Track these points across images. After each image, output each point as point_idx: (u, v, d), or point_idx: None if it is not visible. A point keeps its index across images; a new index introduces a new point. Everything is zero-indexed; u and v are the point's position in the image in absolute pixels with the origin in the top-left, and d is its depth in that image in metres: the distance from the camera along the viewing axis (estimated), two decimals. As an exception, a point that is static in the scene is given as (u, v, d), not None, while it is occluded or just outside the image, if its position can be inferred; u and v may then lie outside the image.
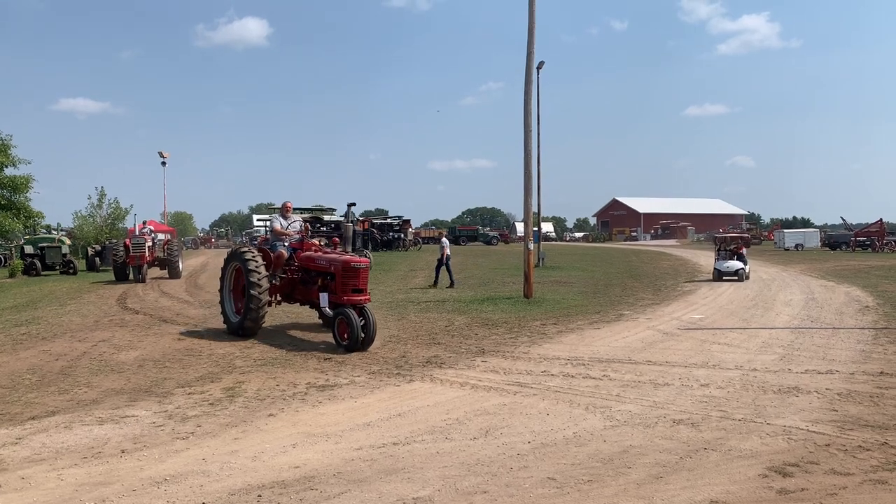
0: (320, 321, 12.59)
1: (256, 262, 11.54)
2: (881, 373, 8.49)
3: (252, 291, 11.27)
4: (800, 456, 5.36)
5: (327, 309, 11.02)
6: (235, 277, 12.27)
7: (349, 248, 11.64)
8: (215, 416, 6.87)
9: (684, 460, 5.33)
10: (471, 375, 8.60)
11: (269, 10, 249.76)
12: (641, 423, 6.34)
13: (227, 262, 12.36)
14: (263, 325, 12.54)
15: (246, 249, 11.89)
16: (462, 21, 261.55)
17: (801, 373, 8.55)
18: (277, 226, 12.35)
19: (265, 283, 11.40)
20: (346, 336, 10.36)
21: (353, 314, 10.29)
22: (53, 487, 4.96)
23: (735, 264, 23.97)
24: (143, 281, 24.85)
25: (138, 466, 5.37)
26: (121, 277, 26.20)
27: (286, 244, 12.25)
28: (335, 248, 12.52)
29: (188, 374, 8.99)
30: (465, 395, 7.61)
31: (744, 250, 25.48)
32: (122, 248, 26.56)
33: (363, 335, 10.31)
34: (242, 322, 11.59)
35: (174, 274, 26.96)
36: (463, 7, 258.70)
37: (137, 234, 27.57)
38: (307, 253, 12.08)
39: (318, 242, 12.63)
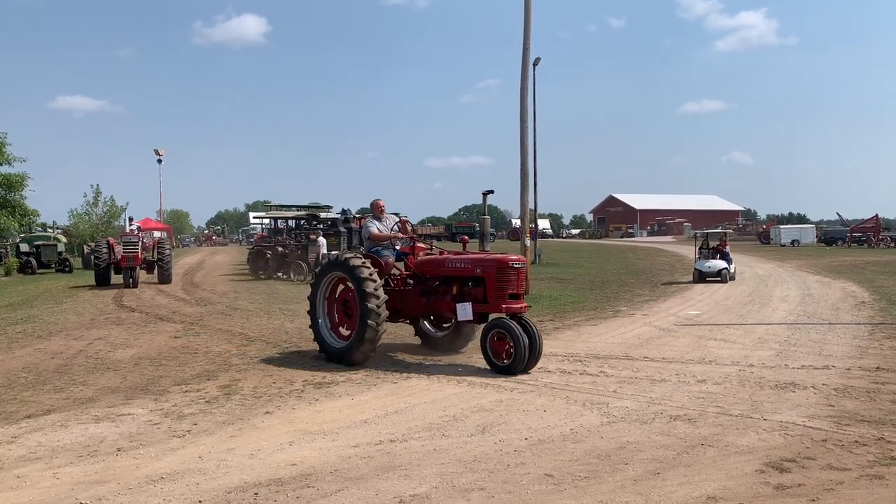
0: (418, 340, 10.49)
1: (369, 269, 9.13)
2: (877, 368, 8.50)
3: (369, 305, 8.82)
4: (796, 451, 5.37)
5: (469, 322, 9.09)
6: (333, 291, 9.95)
7: (488, 246, 9.62)
8: (212, 413, 6.85)
9: (681, 456, 5.33)
10: (468, 372, 8.59)
11: (268, 7, 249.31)
12: (638, 420, 6.34)
13: (322, 273, 9.98)
14: (259, 324, 12.40)
15: (352, 256, 9.45)
16: (460, 18, 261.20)
17: (798, 368, 8.56)
18: (375, 229, 9.90)
19: (383, 296, 9.05)
20: (505, 355, 8.40)
21: (515, 327, 8.37)
22: (49, 486, 4.94)
23: (718, 264, 21.76)
24: (136, 285, 22.10)
25: (134, 465, 5.35)
26: (103, 282, 23.01)
27: (393, 249, 9.95)
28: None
29: (184, 372, 8.97)
30: (462, 391, 7.61)
31: (727, 247, 23.21)
32: (104, 248, 23.35)
33: (528, 353, 8.36)
34: (353, 347, 9.03)
35: (164, 278, 23.72)
36: (461, 4, 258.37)
37: (127, 230, 24.94)
38: (429, 257, 9.98)
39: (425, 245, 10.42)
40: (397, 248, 9.98)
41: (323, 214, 33.89)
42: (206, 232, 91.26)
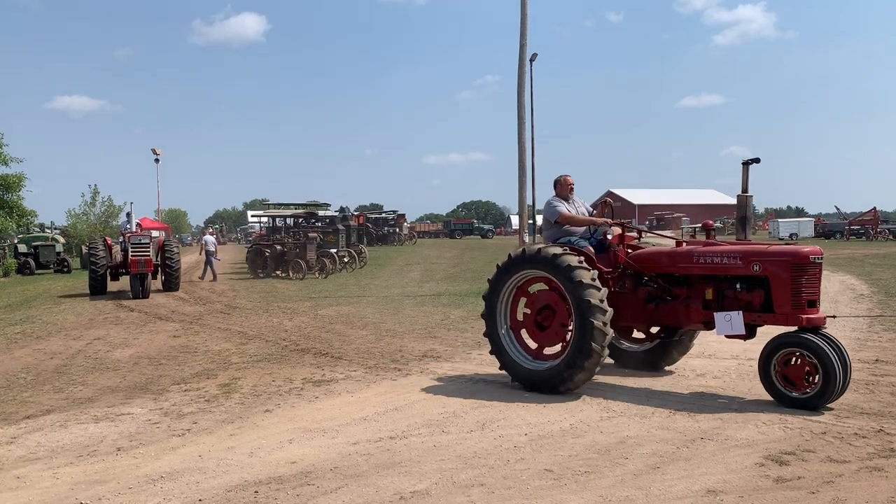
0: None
1: (590, 272, 6.97)
2: (876, 360, 8.50)
3: (594, 323, 6.73)
4: (796, 444, 5.37)
5: (736, 337, 6.87)
6: (517, 296, 7.80)
7: (749, 234, 7.61)
8: (211, 412, 6.85)
9: (681, 450, 5.33)
10: (467, 368, 8.60)
11: (267, 5, 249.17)
12: (638, 414, 6.34)
13: (506, 270, 7.69)
14: (258, 323, 12.35)
15: (560, 251, 7.13)
16: (459, 15, 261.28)
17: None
18: (565, 209, 7.79)
19: (610, 310, 6.92)
20: (807, 383, 6.29)
21: (823, 345, 6.23)
22: (49, 486, 4.94)
23: None
24: (147, 295, 18.54)
25: (134, 464, 5.35)
26: (99, 290, 19.37)
27: (591, 238, 7.75)
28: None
29: (184, 371, 8.96)
30: (462, 388, 7.61)
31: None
32: (101, 250, 19.81)
33: (841, 382, 6.25)
34: (563, 373, 6.97)
35: (172, 284, 20.27)
36: (459, 1, 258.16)
37: (125, 229, 21.55)
38: (655, 249, 7.78)
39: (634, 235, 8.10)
40: (598, 236, 7.74)
41: (321, 212, 33.89)
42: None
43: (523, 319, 7.69)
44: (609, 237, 7.61)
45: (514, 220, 79.96)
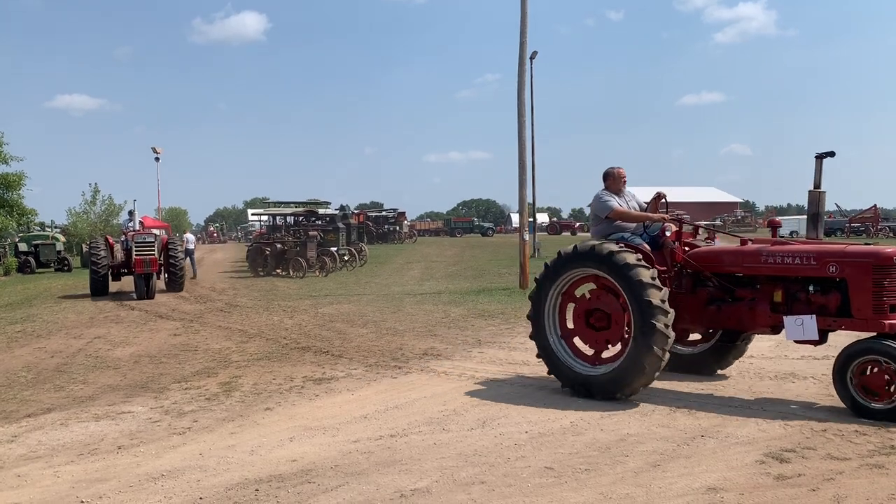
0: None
1: (650, 271, 6.54)
2: (877, 358, 8.50)
3: (655, 325, 6.33)
4: (797, 442, 5.37)
5: (808, 342, 6.51)
6: (566, 297, 7.31)
7: (821, 233, 7.21)
8: (212, 410, 6.85)
9: (681, 448, 5.33)
10: (468, 366, 8.60)
11: (268, 4, 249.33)
12: (638, 412, 6.34)
13: (556, 268, 7.17)
14: (259, 321, 12.30)
15: (617, 248, 6.69)
16: (459, 14, 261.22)
17: (797, 359, 8.55)
18: (616, 204, 7.32)
19: (672, 311, 6.49)
20: (886, 394, 5.82)
21: None
22: (50, 484, 4.94)
23: None
24: (152, 296, 17.86)
25: (135, 462, 5.36)
26: (100, 291, 18.63)
27: (643, 234, 7.30)
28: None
29: (184, 369, 8.97)
30: (462, 385, 7.60)
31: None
32: (103, 250, 18.97)
33: None
34: (620, 377, 6.58)
35: (176, 285, 19.45)
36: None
37: (127, 227, 20.77)
38: (717, 247, 7.38)
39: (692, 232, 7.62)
40: (651, 233, 7.27)
41: (321, 211, 33.90)
42: (210, 229, 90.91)
43: (574, 321, 7.22)
44: (668, 234, 7.10)
45: (515, 218, 79.91)
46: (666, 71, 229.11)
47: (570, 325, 7.24)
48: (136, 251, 17.96)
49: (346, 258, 26.32)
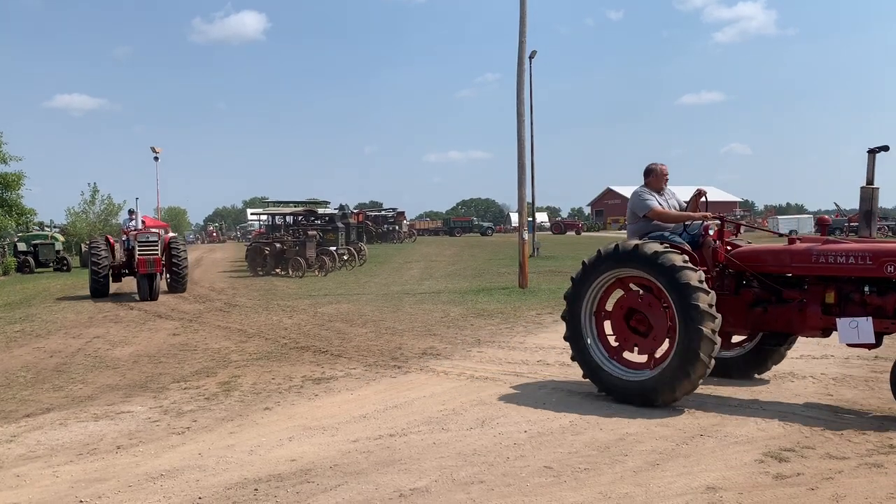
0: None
1: (697, 273, 6.23)
2: (876, 357, 8.49)
3: (702, 330, 6.03)
4: (796, 441, 5.37)
5: (863, 346, 6.14)
6: (604, 298, 7.04)
7: (874, 231, 6.84)
8: (211, 410, 6.85)
9: (680, 447, 5.33)
10: (467, 366, 8.60)
11: (267, 3, 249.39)
12: (637, 411, 6.33)
13: (594, 268, 6.88)
14: (258, 321, 12.23)
15: (661, 249, 6.40)
16: (459, 13, 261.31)
17: (796, 358, 8.55)
18: (656, 203, 7.07)
19: (719, 316, 6.21)
20: None
21: None
22: (49, 484, 4.94)
23: None
24: (156, 298, 17.28)
25: (134, 462, 5.35)
26: (101, 293, 18.09)
27: (683, 232, 7.05)
28: None
29: (183, 369, 8.97)
30: (461, 385, 7.61)
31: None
32: (104, 250, 18.46)
33: None
34: (664, 383, 6.27)
35: (179, 286, 18.83)
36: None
37: (127, 226, 19.92)
38: (762, 247, 7.15)
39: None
40: (691, 232, 7.03)
41: (320, 210, 33.89)
42: (210, 229, 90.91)
43: (613, 323, 6.90)
44: (711, 232, 6.91)
45: (514, 217, 79.86)
46: (665, 70, 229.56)
47: (609, 327, 6.95)
48: (139, 251, 17.44)
49: (345, 258, 26.31)
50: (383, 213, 59.76)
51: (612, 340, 6.91)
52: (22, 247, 32.11)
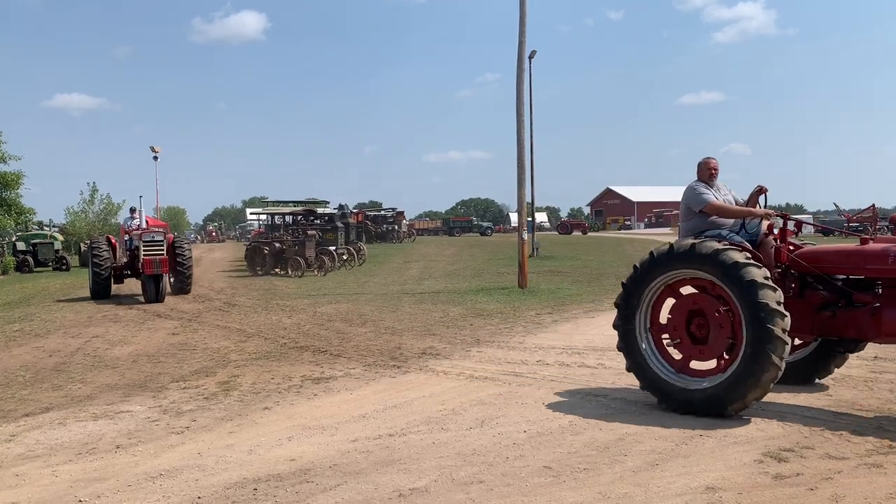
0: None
1: (763, 271, 5.86)
2: (875, 357, 8.51)
3: (773, 330, 5.64)
4: (795, 441, 5.37)
5: None
6: (659, 302, 6.60)
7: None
8: (210, 410, 6.85)
9: (680, 447, 5.33)
10: (466, 366, 8.60)
11: (267, 3, 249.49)
12: (637, 411, 6.34)
13: (648, 270, 6.47)
14: (257, 320, 12.20)
15: (722, 246, 6.01)
16: (459, 13, 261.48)
17: (796, 358, 8.56)
18: (713, 198, 6.62)
19: (788, 316, 5.78)
20: None
21: None
22: (48, 484, 4.94)
23: None
24: (162, 299, 16.63)
25: (133, 462, 5.35)
26: (102, 295, 17.51)
27: (740, 231, 6.60)
28: None
29: (183, 368, 8.96)
30: (461, 385, 7.60)
31: None
32: (105, 250, 17.77)
33: None
34: (734, 389, 5.83)
35: (184, 287, 18.18)
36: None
37: (129, 225, 19.01)
38: (830, 247, 6.73)
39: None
40: (750, 230, 6.58)
41: (320, 210, 33.85)
42: (209, 228, 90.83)
43: (671, 329, 6.48)
44: (776, 230, 6.51)
45: (513, 217, 79.90)
46: (665, 70, 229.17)
47: (667, 334, 6.53)
48: (144, 251, 16.64)
49: (344, 257, 26.30)
50: (383, 212, 59.73)
51: (671, 348, 6.51)
52: (21, 246, 32.10)
